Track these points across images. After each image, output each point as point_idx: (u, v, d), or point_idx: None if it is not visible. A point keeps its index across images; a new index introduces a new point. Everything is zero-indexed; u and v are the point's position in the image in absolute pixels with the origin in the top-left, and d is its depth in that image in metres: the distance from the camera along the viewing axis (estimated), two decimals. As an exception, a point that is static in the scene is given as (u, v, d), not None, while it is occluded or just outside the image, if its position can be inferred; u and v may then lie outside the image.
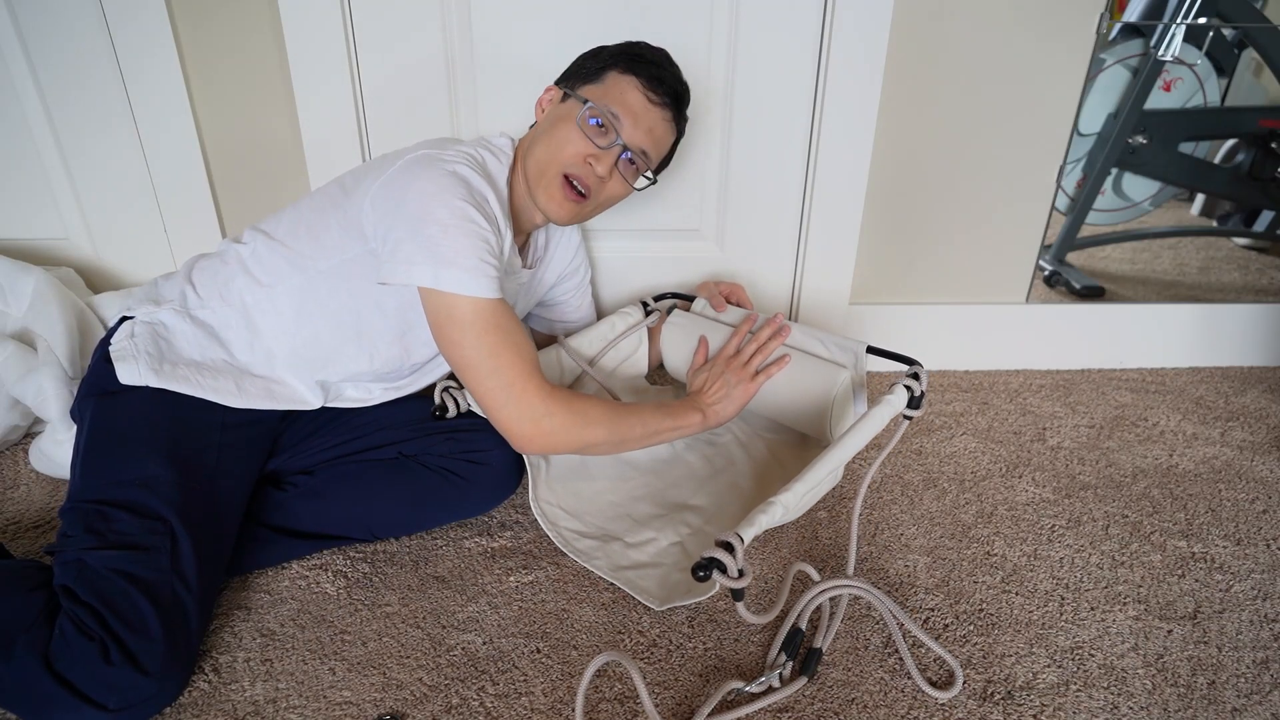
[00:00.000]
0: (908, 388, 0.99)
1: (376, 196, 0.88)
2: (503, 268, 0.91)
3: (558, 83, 1.02)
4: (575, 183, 0.96)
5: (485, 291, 0.85)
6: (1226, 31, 1.30)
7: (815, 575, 0.87)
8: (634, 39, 1.04)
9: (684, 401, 1.04)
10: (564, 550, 0.96)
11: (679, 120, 1.02)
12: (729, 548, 0.76)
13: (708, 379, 1.08)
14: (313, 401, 0.96)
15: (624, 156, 0.98)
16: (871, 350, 1.09)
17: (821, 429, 1.11)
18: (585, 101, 0.95)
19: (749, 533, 0.79)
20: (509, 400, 0.88)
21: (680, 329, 1.22)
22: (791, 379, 1.10)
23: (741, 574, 0.75)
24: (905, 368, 1.03)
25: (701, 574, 0.74)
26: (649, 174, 1.02)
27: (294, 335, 0.92)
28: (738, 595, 0.76)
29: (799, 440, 1.19)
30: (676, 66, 1.02)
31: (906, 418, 1.01)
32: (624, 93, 0.96)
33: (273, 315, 0.92)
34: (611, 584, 0.93)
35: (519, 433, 0.89)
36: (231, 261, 0.93)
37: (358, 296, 0.92)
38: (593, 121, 0.95)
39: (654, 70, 0.98)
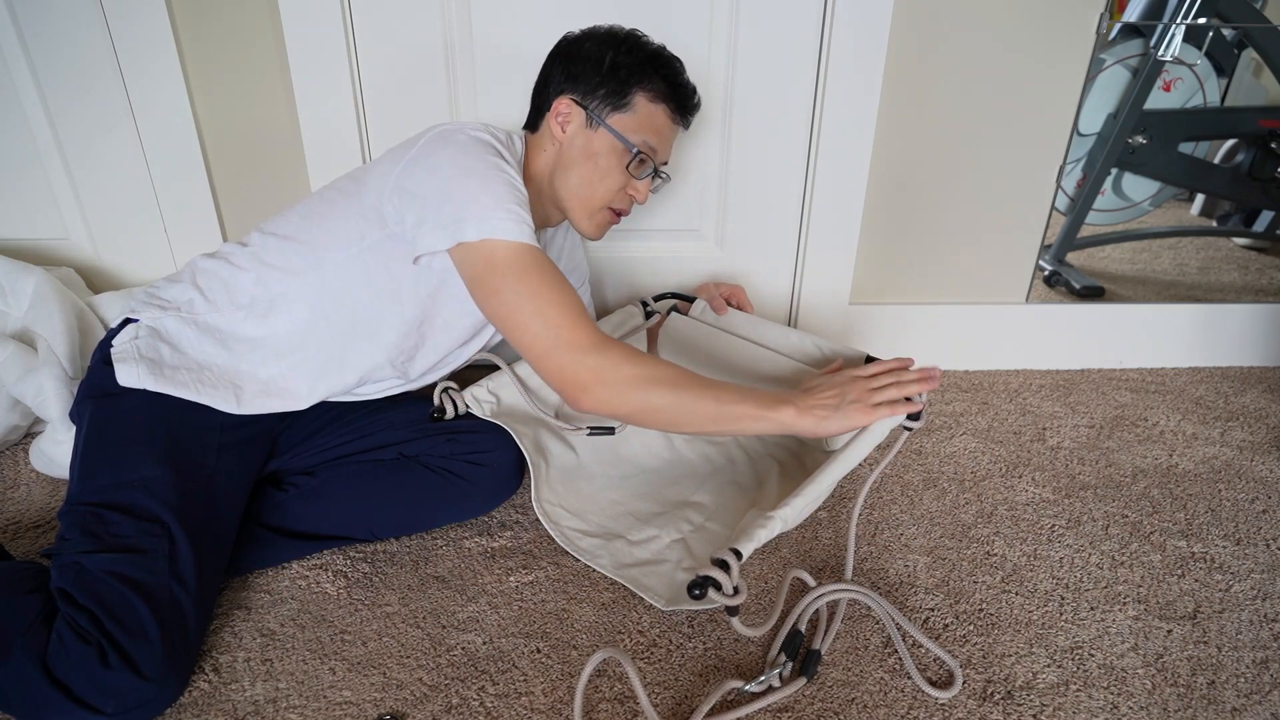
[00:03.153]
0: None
1: (403, 175, 0.88)
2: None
3: (575, 99, 0.95)
4: (616, 209, 1.02)
5: (524, 237, 0.85)
6: (1226, 31, 1.30)
7: (811, 582, 0.87)
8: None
9: (780, 393, 0.88)
10: (567, 549, 0.96)
11: None
12: (724, 566, 0.76)
13: (824, 384, 0.91)
14: (310, 400, 0.95)
15: (656, 175, 1.02)
16: (871, 361, 1.08)
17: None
18: (629, 147, 0.96)
19: (747, 547, 0.78)
20: (556, 344, 0.81)
21: (678, 335, 1.22)
22: (792, 385, 1.10)
23: (737, 591, 0.75)
24: None
25: (697, 592, 0.74)
26: (665, 173, 1.04)
27: (306, 335, 0.92)
28: (733, 611, 0.76)
29: (797, 442, 1.19)
30: (685, 69, 1.01)
31: (906, 429, 1.00)
32: (656, 124, 0.98)
33: (284, 316, 0.91)
34: (612, 584, 0.93)
35: (573, 380, 0.81)
36: (241, 263, 0.92)
37: (374, 288, 0.91)
38: (637, 163, 0.98)
39: (681, 95, 0.99)
